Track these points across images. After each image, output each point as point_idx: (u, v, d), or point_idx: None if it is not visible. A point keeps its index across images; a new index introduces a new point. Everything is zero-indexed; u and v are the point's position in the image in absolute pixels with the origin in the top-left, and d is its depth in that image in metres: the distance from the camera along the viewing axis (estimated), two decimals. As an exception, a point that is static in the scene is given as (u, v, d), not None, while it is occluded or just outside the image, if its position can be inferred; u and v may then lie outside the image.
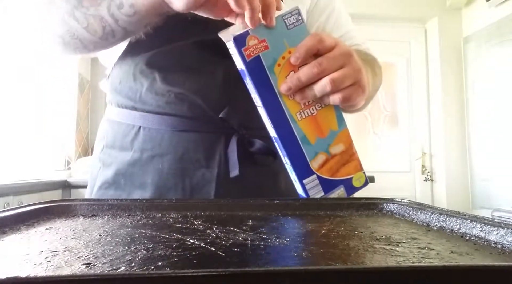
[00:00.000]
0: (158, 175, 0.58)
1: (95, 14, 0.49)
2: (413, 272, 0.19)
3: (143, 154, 0.59)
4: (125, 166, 0.60)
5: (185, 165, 0.58)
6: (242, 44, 0.44)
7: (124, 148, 0.61)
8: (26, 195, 1.53)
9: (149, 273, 0.18)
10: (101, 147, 0.65)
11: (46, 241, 0.30)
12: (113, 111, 0.65)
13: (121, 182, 0.60)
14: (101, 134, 0.67)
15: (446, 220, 0.37)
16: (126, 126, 0.62)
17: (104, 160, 0.63)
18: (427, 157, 2.87)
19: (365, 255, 0.27)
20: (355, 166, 0.53)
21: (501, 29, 2.45)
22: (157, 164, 0.59)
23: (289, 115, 0.48)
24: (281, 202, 0.48)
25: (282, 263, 0.25)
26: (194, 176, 0.58)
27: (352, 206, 0.48)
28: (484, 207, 2.51)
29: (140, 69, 0.60)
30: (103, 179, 0.62)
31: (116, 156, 0.62)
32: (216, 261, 0.25)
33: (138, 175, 0.59)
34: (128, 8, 0.48)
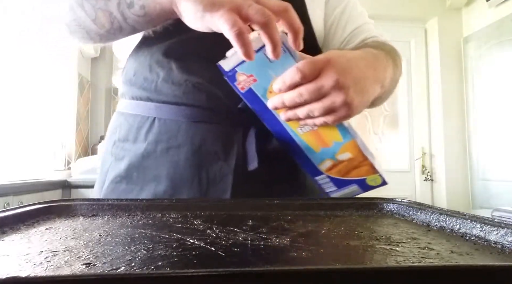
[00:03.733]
0: (174, 167, 0.57)
1: (104, 8, 0.48)
2: (413, 272, 0.19)
3: (158, 146, 0.58)
4: (138, 159, 0.58)
5: (202, 157, 0.57)
6: (233, 79, 0.48)
7: (137, 140, 0.60)
8: (26, 195, 1.53)
9: (149, 273, 0.18)
10: (113, 140, 0.63)
11: (46, 241, 0.30)
12: (126, 104, 0.64)
13: (134, 175, 0.58)
14: (113, 128, 0.66)
15: (446, 220, 0.37)
16: (141, 118, 0.60)
17: (116, 153, 0.62)
18: (427, 157, 2.87)
19: (365, 255, 0.27)
20: (367, 170, 0.53)
21: (501, 29, 2.45)
22: (172, 156, 0.57)
23: (290, 131, 0.52)
24: (281, 202, 0.48)
25: (282, 263, 0.25)
26: (211, 168, 0.57)
27: (352, 206, 0.48)
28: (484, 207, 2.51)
29: (156, 59, 0.59)
30: (115, 173, 0.60)
31: (129, 148, 0.60)
32: (216, 261, 0.25)
33: (152, 167, 0.57)
34: (138, 9, 0.47)
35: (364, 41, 0.68)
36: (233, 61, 0.47)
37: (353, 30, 0.69)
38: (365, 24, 0.71)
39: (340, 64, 0.46)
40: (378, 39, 0.69)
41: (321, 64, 0.45)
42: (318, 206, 0.48)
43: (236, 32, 0.39)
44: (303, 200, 0.50)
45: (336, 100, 0.45)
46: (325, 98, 0.46)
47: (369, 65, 0.51)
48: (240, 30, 0.39)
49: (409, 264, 0.25)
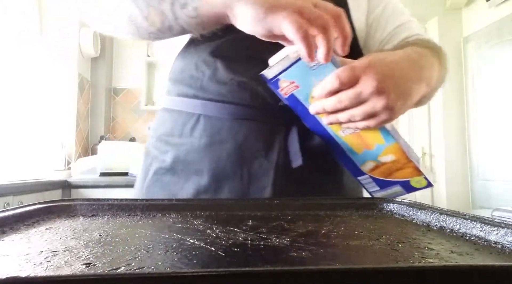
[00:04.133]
0: (216, 162, 0.58)
1: (157, 7, 0.48)
2: (413, 272, 0.19)
3: (202, 141, 0.60)
4: (183, 153, 0.61)
5: (244, 153, 0.58)
6: (276, 86, 0.50)
7: (183, 135, 0.62)
8: (26, 195, 1.53)
9: (149, 273, 0.18)
10: (158, 135, 0.66)
11: (46, 241, 0.30)
12: (171, 101, 0.66)
13: (179, 168, 0.61)
14: (158, 123, 0.69)
15: (446, 220, 0.37)
16: (186, 114, 0.62)
17: (160, 147, 0.64)
18: (427, 157, 2.87)
19: (365, 255, 0.27)
20: (411, 172, 0.53)
21: (501, 29, 2.45)
22: (215, 152, 0.59)
23: (332, 133, 0.54)
24: (281, 202, 0.48)
25: (282, 263, 0.25)
26: (253, 165, 0.58)
27: (352, 206, 0.48)
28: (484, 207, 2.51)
29: (203, 58, 0.61)
30: (159, 166, 0.63)
31: (174, 143, 0.62)
32: (216, 261, 0.25)
33: (195, 161, 0.59)
34: (191, 10, 0.47)
35: (406, 39, 0.67)
36: (276, 69, 0.48)
37: (394, 29, 0.68)
38: (407, 23, 0.70)
39: (380, 68, 0.46)
40: (420, 37, 0.68)
41: (360, 69, 0.45)
42: (318, 206, 0.48)
43: (303, 34, 0.40)
44: (303, 200, 0.50)
45: (376, 105, 0.46)
46: (365, 104, 0.46)
47: (413, 65, 0.51)
48: (306, 32, 0.40)
49: (409, 264, 0.25)
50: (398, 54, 0.51)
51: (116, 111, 2.81)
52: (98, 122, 2.64)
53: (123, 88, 2.81)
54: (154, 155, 0.65)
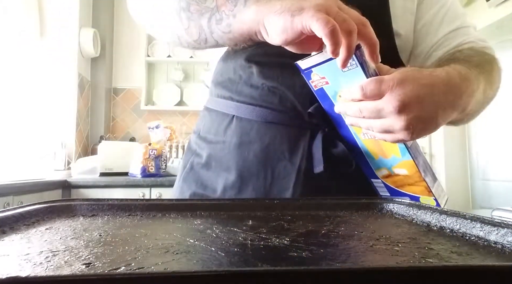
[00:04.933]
0: (243, 161, 0.62)
1: (197, 21, 0.52)
2: (413, 272, 0.19)
3: (233, 141, 0.63)
4: (216, 151, 0.65)
5: (269, 154, 0.61)
6: (308, 77, 0.52)
7: (218, 133, 0.66)
8: (26, 195, 1.53)
9: (149, 273, 0.18)
10: (199, 131, 0.71)
11: (46, 241, 0.30)
12: (212, 101, 0.71)
13: (212, 164, 0.65)
14: (199, 121, 0.74)
15: (446, 220, 0.37)
16: (222, 114, 0.67)
17: (199, 143, 0.70)
18: (427, 157, 2.87)
19: (365, 255, 0.27)
20: (422, 190, 0.54)
21: (501, 29, 2.45)
22: (243, 151, 0.62)
23: (354, 134, 0.56)
24: (281, 202, 0.48)
25: (282, 263, 0.25)
26: (276, 166, 0.61)
27: (352, 206, 0.48)
28: (484, 207, 2.51)
29: (240, 63, 0.65)
30: (197, 160, 0.68)
31: (210, 140, 0.67)
32: (216, 261, 0.25)
33: (226, 159, 0.64)
34: (225, 26, 0.50)
35: (460, 46, 0.65)
36: (310, 62, 0.49)
37: (448, 33, 0.66)
38: (463, 28, 0.66)
39: (409, 88, 0.44)
40: (475, 45, 0.65)
41: (388, 85, 0.44)
42: (318, 206, 0.48)
43: (331, 29, 0.39)
44: (303, 200, 0.50)
45: (395, 125, 0.45)
46: (384, 119, 0.46)
47: (450, 91, 0.48)
48: (335, 27, 0.39)
49: (409, 264, 0.25)
50: (439, 76, 0.48)
51: (116, 111, 2.81)
52: (98, 122, 2.64)
53: (123, 88, 2.81)
54: (193, 150, 0.70)
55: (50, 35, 2.28)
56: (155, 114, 2.82)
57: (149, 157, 2.08)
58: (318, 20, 0.40)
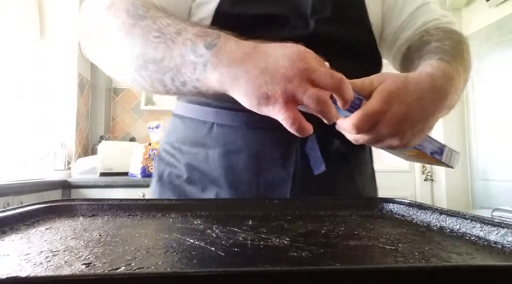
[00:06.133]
0: (232, 172, 0.58)
1: (160, 79, 0.47)
2: (413, 272, 0.19)
3: (216, 150, 0.59)
4: (198, 162, 0.60)
5: (260, 163, 0.57)
6: None
7: (196, 143, 0.61)
8: (26, 195, 1.53)
9: (149, 273, 0.18)
10: (171, 141, 0.66)
11: (46, 241, 0.30)
12: (183, 108, 0.65)
13: (195, 177, 0.60)
14: (170, 129, 0.69)
15: (446, 220, 0.37)
16: (198, 122, 0.61)
17: (174, 154, 0.64)
18: (427, 157, 2.87)
19: (365, 255, 0.27)
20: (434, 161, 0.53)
21: (501, 29, 2.45)
22: (231, 161, 0.58)
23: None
24: (281, 202, 0.48)
25: (282, 263, 0.25)
26: (269, 174, 0.57)
27: (352, 206, 0.48)
28: (484, 207, 2.51)
29: None
30: (175, 173, 0.63)
31: (187, 151, 0.62)
32: (216, 261, 0.25)
33: (211, 170, 0.59)
34: (191, 88, 0.46)
35: (425, 25, 0.64)
36: None
37: (412, 13, 0.65)
38: (425, 5, 0.66)
39: (399, 110, 0.44)
40: (440, 23, 0.64)
41: (378, 116, 0.44)
42: (318, 206, 0.48)
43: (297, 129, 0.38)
44: (303, 200, 0.50)
45: (392, 144, 0.47)
46: (381, 141, 0.47)
47: (437, 97, 0.48)
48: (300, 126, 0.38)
49: (409, 264, 0.25)
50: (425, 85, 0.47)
51: (116, 111, 2.81)
52: (98, 122, 2.64)
53: (123, 88, 2.81)
54: (167, 161, 0.65)
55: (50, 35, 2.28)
56: (155, 114, 2.82)
57: (149, 157, 2.08)
58: (283, 120, 0.38)
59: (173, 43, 0.45)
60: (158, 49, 0.45)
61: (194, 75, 0.44)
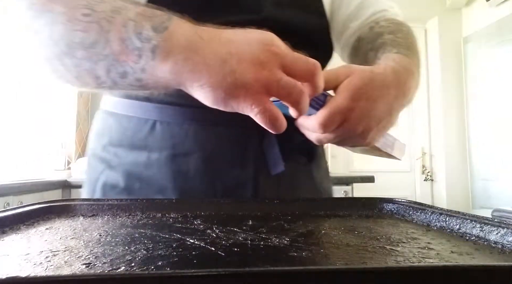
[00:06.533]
0: (182, 177, 0.51)
1: (90, 70, 0.38)
2: (413, 272, 0.19)
3: (162, 153, 0.51)
4: (139, 168, 0.52)
5: (215, 165, 0.51)
6: None
7: (135, 146, 0.53)
8: (26, 195, 1.53)
9: (149, 273, 0.18)
10: (102, 144, 0.57)
11: (46, 241, 0.30)
12: (117, 103, 0.56)
13: (136, 186, 0.52)
14: (100, 129, 0.58)
15: (446, 220, 0.37)
16: (137, 120, 0.53)
17: (107, 159, 0.55)
18: (427, 157, 2.87)
19: (365, 255, 0.27)
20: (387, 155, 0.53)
21: (501, 29, 2.45)
22: (180, 165, 0.51)
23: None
24: (281, 202, 0.48)
25: (282, 263, 0.25)
26: (226, 177, 0.52)
27: (352, 206, 0.48)
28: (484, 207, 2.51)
29: None
30: (110, 182, 0.54)
31: (125, 155, 0.53)
32: (216, 261, 0.25)
33: (156, 178, 0.51)
34: (133, 80, 0.38)
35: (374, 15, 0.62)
36: None
37: (361, 2, 0.63)
38: None
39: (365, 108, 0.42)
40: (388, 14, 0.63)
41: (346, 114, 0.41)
42: (318, 206, 0.48)
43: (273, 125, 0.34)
44: (303, 200, 0.50)
45: (357, 142, 0.45)
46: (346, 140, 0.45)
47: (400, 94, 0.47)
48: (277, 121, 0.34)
49: (409, 264, 0.25)
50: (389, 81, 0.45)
51: (116, 111, 2.81)
52: (98, 122, 2.64)
53: (123, 88, 2.81)
54: (100, 169, 0.56)
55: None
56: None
57: (149, 157, 2.07)
58: (257, 115, 0.34)
59: (109, 24, 0.36)
60: (88, 30, 0.36)
61: (139, 64, 0.35)
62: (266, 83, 0.33)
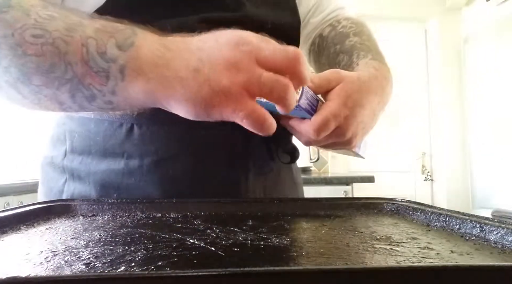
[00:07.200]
0: (169, 184, 0.48)
1: (50, 96, 0.35)
2: (413, 272, 0.19)
3: (144, 160, 0.48)
4: (117, 177, 0.48)
5: (202, 167, 0.49)
6: None
7: (108, 153, 0.48)
8: (26, 195, 1.53)
9: (149, 273, 0.18)
10: (62, 152, 0.51)
11: (46, 241, 0.30)
12: None
13: (113, 196, 0.49)
14: (57, 134, 0.53)
15: (446, 220, 0.37)
16: (109, 125, 0.48)
17: (71, 169, 0.50)
18: (427, 157, 2.87)
19: (365, 255, 0.27)
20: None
21: (501, 29, 2.45)
22: (166, 171, 0.48)
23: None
24: (281, 202, 0.48)
25: (282, 263, 0.25)
26: (214, 179, 0.50)
27: (352, 206, 0.48)
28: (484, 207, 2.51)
29: None
30: (79, 194, 0.50)
31: (95, 164, 0.49)
32: (216, 261, 0.25)
33: (140, 187, 0.48)
34: (102, 103, 0.35)
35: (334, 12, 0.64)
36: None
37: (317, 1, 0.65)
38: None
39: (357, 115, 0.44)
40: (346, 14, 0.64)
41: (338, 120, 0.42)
42: (318, 206, 0.48)
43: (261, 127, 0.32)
44: (303, 200, 0.50)
45: (343, 146, 0.47)
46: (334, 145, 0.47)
47: (382, 99, 0.49)
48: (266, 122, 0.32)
49: (409, 264, 0.25)
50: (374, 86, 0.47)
51: (116, 111, 2.80)
52: (98, 122, 2.64)
53: (123, 88, 2.81)
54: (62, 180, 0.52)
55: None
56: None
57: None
58: (244, 119, 0.31)
59: (66, 45, 0.32)
60: (43, 54, 0.32)
61: (107, 86, 0.33)
62: (244, 85, 0.31)
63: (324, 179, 2.00)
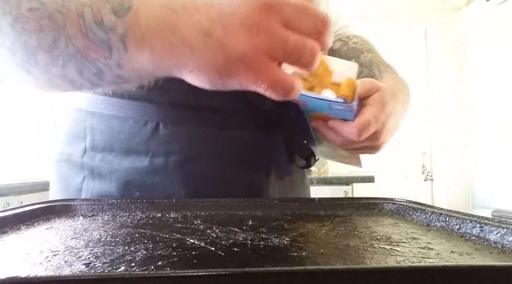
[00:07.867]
0: (193, 182, 0.48)
1: (61, 75, 0.33)
2: (413, 272, 0.19)
3: (169, 158, 0.47)
4: (140, 175, 0.48)
5: (229, 168, 0.49)
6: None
7: (132, 151, 0.48)
8: (26, 195, 1.53)
9: (149, 273, 0.18)
10: (81, 149, 0.50)
11: (46, 241, 0.30)
12: (100, 102, 0.49)
13: (135, 195, 0.49)
14: (77, 131, 0.51)
15: (446, 220, 0.37)
16: (134, 122, 0.48)
17: (92, 166, 0.50)
18: (427, 157, 2.87)
19: (365, 255, 0.27)
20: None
21: (501, 29, 2.45)
22: (191, 170, 0.48)
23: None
24: (281, 202, 0.48)
25: (282, 263, 0.25)
26: (241, 180, 0.50)
27: (352, 206, 0.48)
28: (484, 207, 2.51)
29: None
30: (99, 192, 0.49)
31: (117, 162, 0.49)
32: (216, 261, 0.25)
33: (164, 185, 0.48)
34: (112, 78, 0.32)
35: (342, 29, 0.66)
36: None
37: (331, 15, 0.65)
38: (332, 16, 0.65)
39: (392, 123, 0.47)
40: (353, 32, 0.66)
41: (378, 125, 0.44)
42: (318, 206, 0.48)
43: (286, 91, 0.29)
44: (303, 200, 0.50)
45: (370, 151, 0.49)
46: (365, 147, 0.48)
47: (405, 109, 0.51)
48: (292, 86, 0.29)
49: (409, 264, 0.25)
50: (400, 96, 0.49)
51: (116, 111, 2.80)
52: (98, 122, 2.64)
53: (123, 88, 2.81)
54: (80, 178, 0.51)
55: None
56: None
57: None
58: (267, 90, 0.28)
59: (63, 16, 0.29)
60: (42, 28, 0.30)
61: (112, 60, 0.30)
62: (268, 49, 0.27)
63: (324, 179, 2.00)
